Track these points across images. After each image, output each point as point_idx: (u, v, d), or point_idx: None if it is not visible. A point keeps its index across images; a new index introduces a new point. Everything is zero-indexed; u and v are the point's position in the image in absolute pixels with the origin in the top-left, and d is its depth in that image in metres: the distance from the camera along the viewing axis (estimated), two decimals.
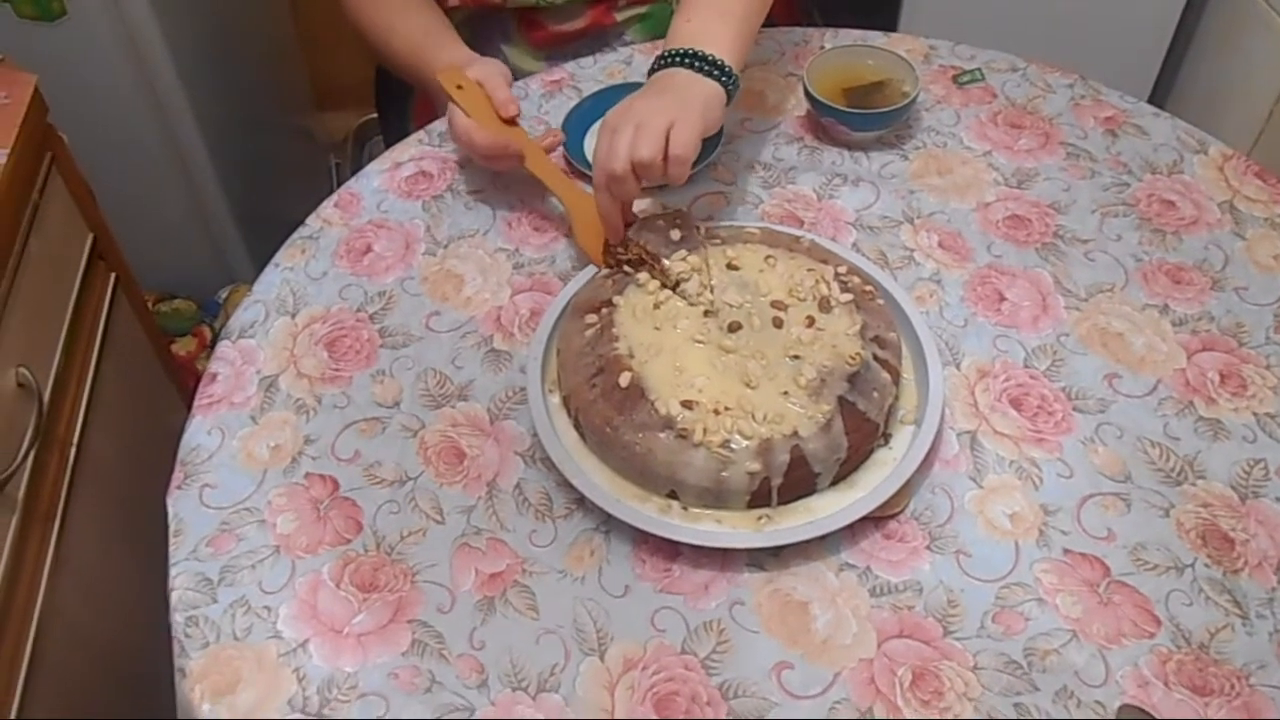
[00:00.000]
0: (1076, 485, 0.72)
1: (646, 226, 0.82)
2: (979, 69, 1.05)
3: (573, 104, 1.03)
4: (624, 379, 0.71)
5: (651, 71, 0.86)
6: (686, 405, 0.70)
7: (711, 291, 0.76)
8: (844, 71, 0.99)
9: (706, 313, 0.75)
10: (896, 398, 0.74)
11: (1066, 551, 0.69)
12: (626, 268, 0.80)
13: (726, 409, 0.69)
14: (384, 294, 0.88)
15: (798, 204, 0.93)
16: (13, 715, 0.78)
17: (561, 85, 1.08)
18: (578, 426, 0.74)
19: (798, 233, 0.84)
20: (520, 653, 0.66)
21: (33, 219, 0.89)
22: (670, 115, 0.77)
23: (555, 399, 0.76)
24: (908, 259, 0.88)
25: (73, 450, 0.91)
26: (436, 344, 0.84)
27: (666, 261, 0.78)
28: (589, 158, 0.92)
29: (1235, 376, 0.78)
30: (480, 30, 1.16)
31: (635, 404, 0.70)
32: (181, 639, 0.68)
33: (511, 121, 0.92)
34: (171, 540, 0.73)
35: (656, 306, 0.76)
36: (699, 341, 0.73)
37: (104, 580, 0.87)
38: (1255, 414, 0.75)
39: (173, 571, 0.71)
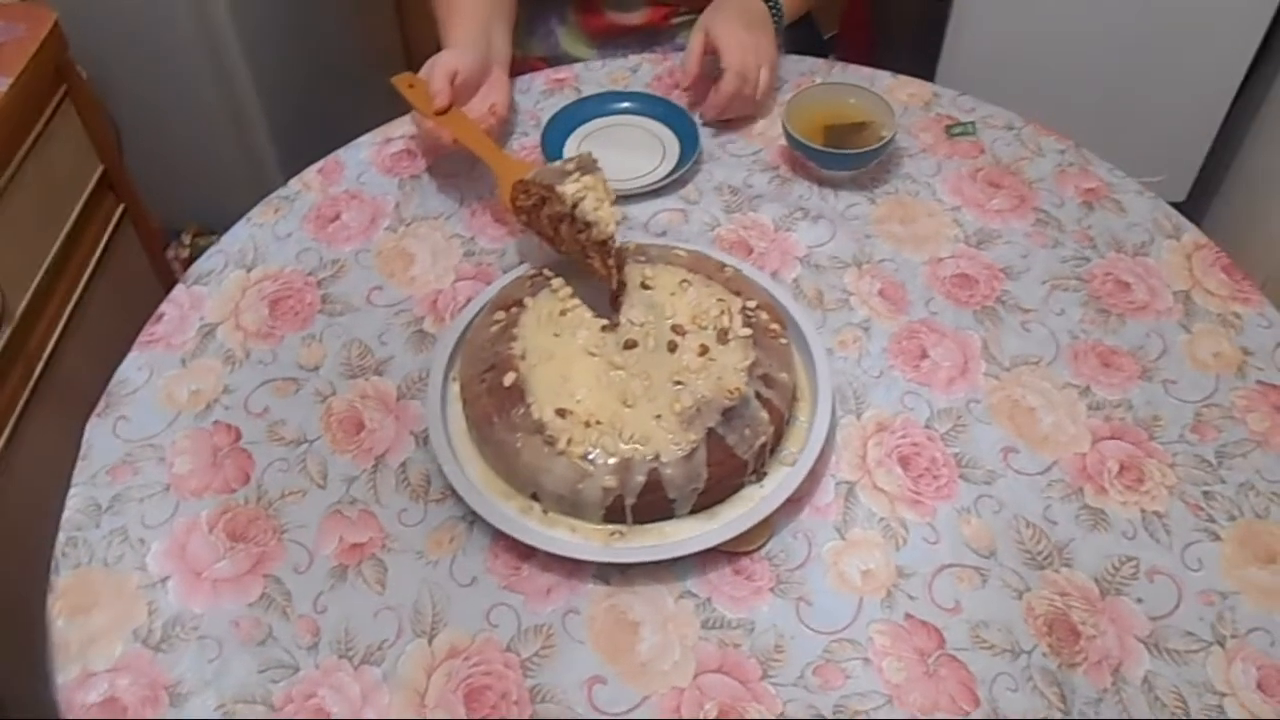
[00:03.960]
0: (938, 553, 0.71)
1: (543, 172, 0.83)
2: (973, 123, 1.03)
3: (572, 98, 1.05)
4: (508, 379, 0.73)
5: None
6: (560, 413, 0.71)
7: (616, 303, 0.78)
8: (829, 108, 0.99)
9: (604, 328, 0.77)
10: (779, 437, 0.75)
11: (908, 616, 0.68)
12: (525, 218, 0.85)
13: (598, 423, 0.71)
14: (337, 262, 0.92)
15: (753, 232, 0.93)
16: None
17: (564, 85, 1.10)
18: (469, 418, 0.76)
19: (728, 261, 0.84)
20: (356, 623, 0.69)
21: (33, 146, 0.95)
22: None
23: (457, 388, 0.79)
24: (843, 302, 0.88)
25: (40, 365, 0.98)
26: (370, 317, 0.87)
27: (560, 187, 0.79)
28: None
29: (1135, 469, 0.76)
30: (538, 8, 1.19)
31: (513, 404, 0.72)
32: (59, 557, 0.73)
33: (447, 111, 0.93)
34: (78, 463, 0.78)
35: (562, 314, 0.78)
36: (592, 354, 0.75)
37: (47, 491, 0.93)
38: (1143, 510, 0.73)
39: (70, 492, 0.76)
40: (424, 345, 0.85)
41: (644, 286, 0.79)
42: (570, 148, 1.01)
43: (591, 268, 0.81)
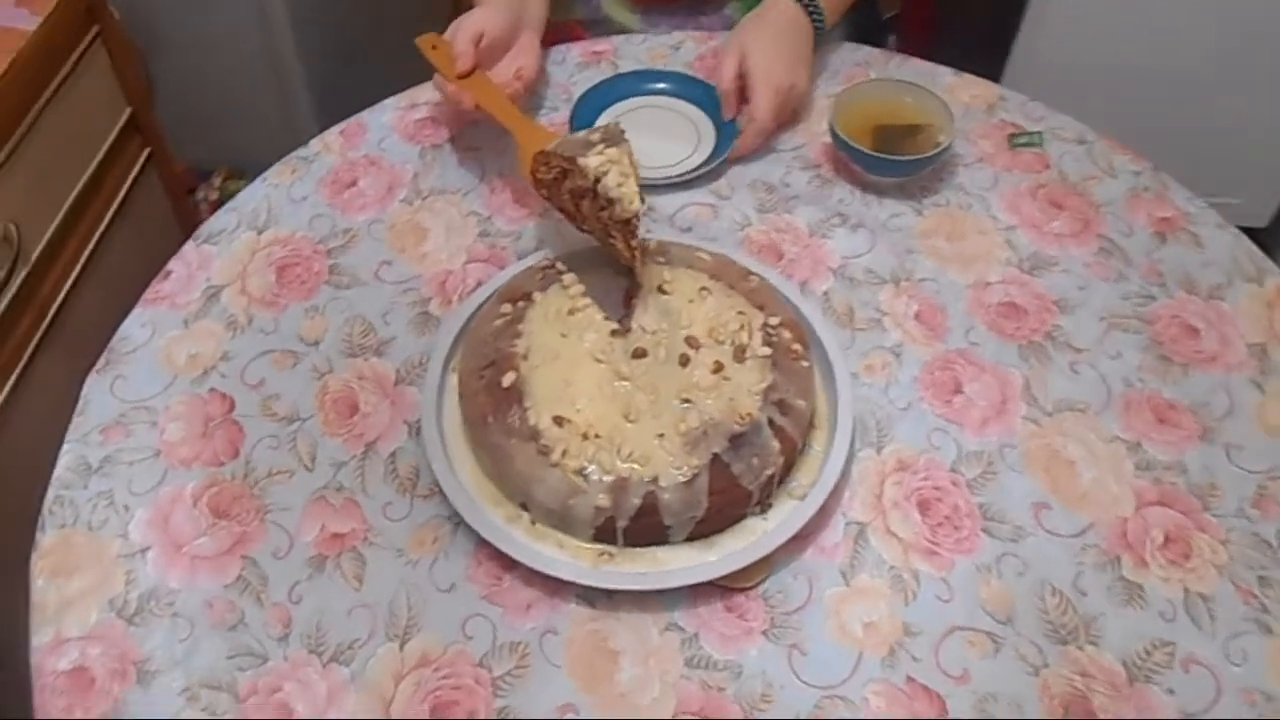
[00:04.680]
0: (950, 612, 0.66)
1: (565, 143, 0.78)
2: (1040, 133, 0.96)
3: (608, 73, 1.00)
4: (507, 378, 0.69)
5: None
6: (558, 421, 0.67)
7: (634, 295, 0.73)
8: (881, 106, 0.92)
9: (614, 332, 0.72)
10: (790, 468, 0.70)
11: (909, 679, 0.64)
12: (545, 192, 0.80)
13: (596, 436, 0.67)
14: (349, 231, 0.89)
15: (786, 235, 0.88)
16: None
17: (601, 58, 1.04)
18: (464, 414, 0.73)
19: (755, 268, 0.79)
20: (330, 618, 0.66)
21: (60, 86, 0.92)
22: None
23: (456, 379, 0.75)
24: (875, 322, 0.82)
25: (53, 310, 0.96)
26: (377, 294, 0.84)
27: (582, 160, 0.73)
28: None
29: (1182, 542, 0.69)
30: None
31: (510, 406, 0.68)
32: (46, 514, 0.71)
33: (471, 74, 0.89)
34: (74, 419, 0.76)
35: (571, 313, 0.73)
36: (598, 360, 0.71)
37: (51, 438, 0.92)
38: (1186, 590, 0.67)
39: (63, 448, 0.75)
40: (428, 328, 0.81)
41: (661, 291, 0.75)
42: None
43: (613, 249, 0.76)
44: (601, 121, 0.96)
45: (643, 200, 0.73)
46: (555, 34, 1.13)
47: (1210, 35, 1.36)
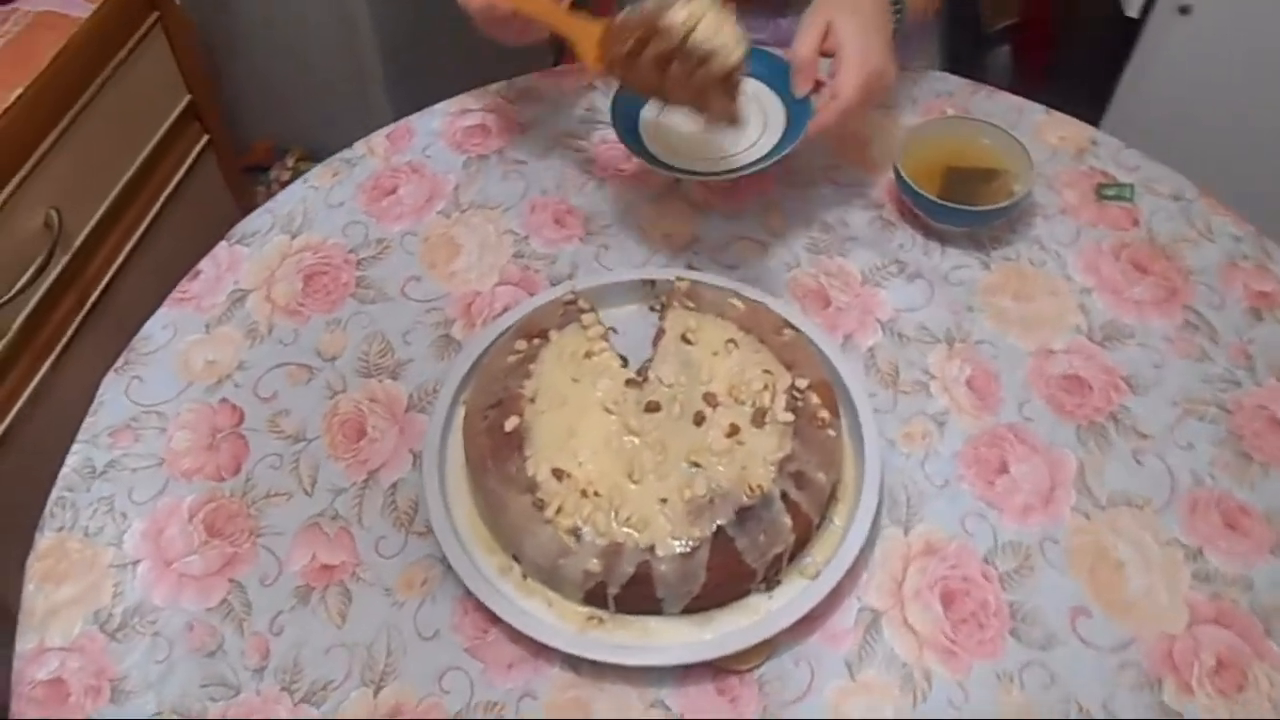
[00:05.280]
0: None
1: (636, 12, 0.71)
2: (1131, 185, 0.87)
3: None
4: (510, 423, 0.66)
5: None
6: (557, 474, 0.64)
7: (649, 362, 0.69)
8: (955, 145, 0.85)
9: (629, 381, 0.68)
10: (803, 544, 0.65)
11: None
12: (621, 72, 0.73)
13: (595, 494, 0.63)
14: (382, 242, 0.86)
15: (836, 281, 0.82)
16: None
17: None
18: (466, 454, 0.69)
19: (794, 318, 0.73)
20: (308, 654, 0.64)
21: (115, 72, 0.92)
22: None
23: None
24: (921, 386, 0.76)
25: (96, 293, 0.97)
26: (401, 311, 0.81)
27: (665, 19, 0.66)
28: (644, 140, 0.83)
29: (1236, 670, 0.62)
30: None
31: (510, 453, 0.65)
32: (47, 515, 0.71)
33: None
34: (87, 417, 0.76)
35: (587, 355, 0.69)
36: (608, 411, 0.66)
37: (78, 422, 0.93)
38: None
39: (73, 447, 0.74)
40: (447, 352, 0.78)
41: (685, 340, 0.70)
42: (647, 118, 0.85)
43: (710, 108, 0.70)
44: (649, 110, 0.85)
45: (746, 46, 0.66)
46: None
47: None
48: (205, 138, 1.09)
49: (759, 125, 0.84)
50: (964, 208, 0.80)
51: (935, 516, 0.69)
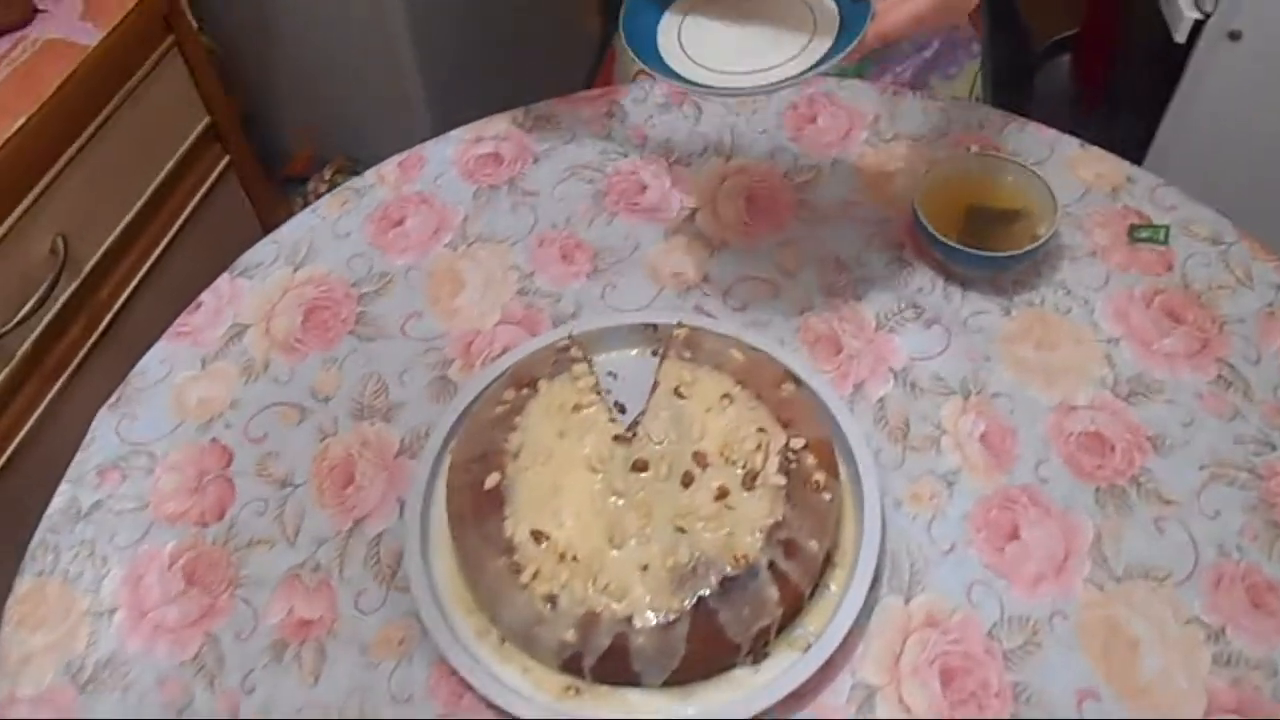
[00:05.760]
0: None
1: None
2: (1166, 227, 0.82)
3: (686, 118, 0.92)
4: (491, 479, 0.64)
5: None
6: (536, 536, 0.61)
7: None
8: (980, 183, 0.81)
9: (618, 437, 0.65)
10: (793, 615, 0.61)
11: None
12: None
13: (574, 559, 0.60)
14: (386, 276, 0.84)
15: (849, 326, 0.78)
16: None
17: (686, 100, 0.96)
18: (448, 509, 0.67)
19: (795, 371, 0.70)
20: (278, 713, 0.62)
21: (128, 96, 0.92)
22: None
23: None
24: (932, 441, 0.72)
25: (106, 320, 0.96)
26: (400, 349, 0.79)
27: None
28: (665, 57, 0.69)
29: None
30: None
31: (489, 512, 0.63)
32: (29, 557, 0.70)
33: None
34: (78, 453, 0.76)
35: (575, 409, 0.67)
36: (593, 469, 0.64)
37: None
38: None
39: (61, 486, 0.74)
40: (442, 395, 0.76)
41: (678, 394, 0.67)
42: (668, 29, 0.71)
43: None
44: (670, 17, 0.71)
45: None
46: None
47: None
48: (226, 158, 1.08)
49: (808, 25, 0.69)
50: (980, 253, 0.76)
51: (939, 584, 0.65)
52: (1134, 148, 1.21)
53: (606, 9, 1.21)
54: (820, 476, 0.63)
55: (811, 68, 0.64)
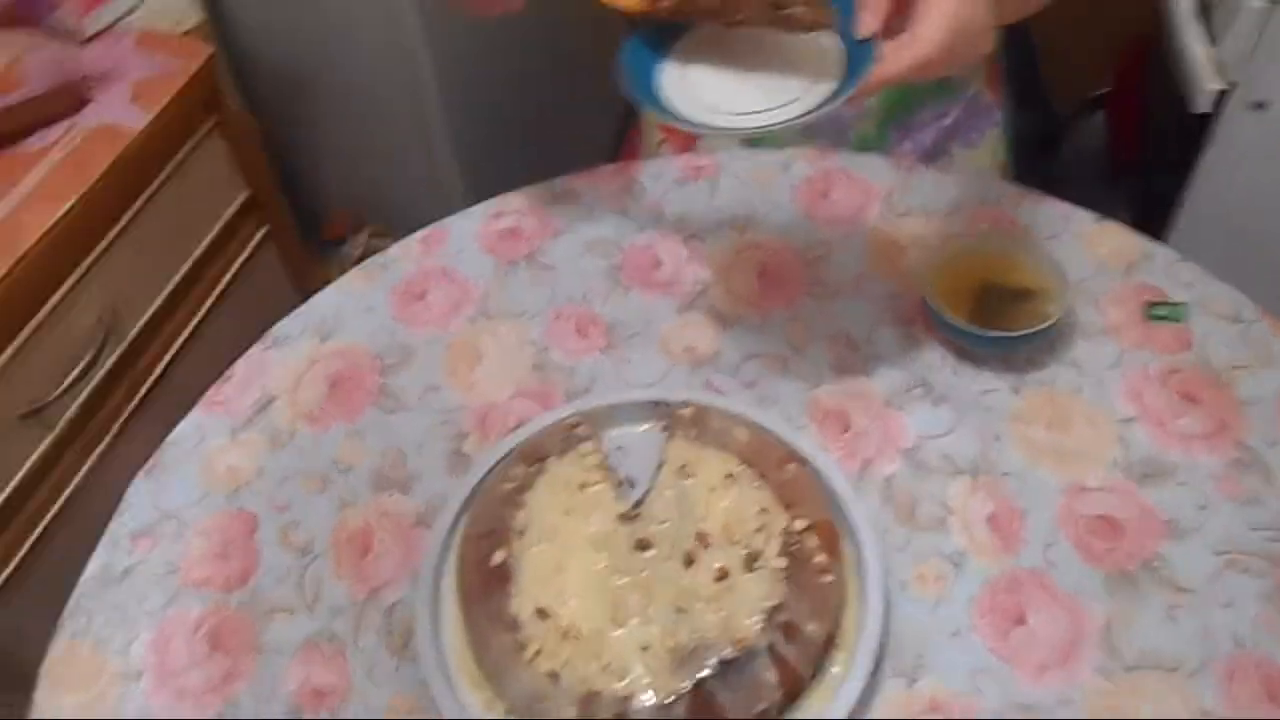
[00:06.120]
0: None
1: None
2: (1184, 304, 0.82)
3: (701, 193, 0.94)
4: (498, 556, 0.65)
5: None
6: (540, 613, 0.63)
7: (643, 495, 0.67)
8: (991, 260, 0.82)
9: (622, 516, 0.66)
10: (795, 697, 0.62)
11: None
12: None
13: (576, 637, 0.62)
14: (408, 348, 0.87)
15: (857, 403, 0.79)
16: None
17: (702, 174, 0.99)
18: (457, 583, 0.69)
19: (801, 450, 0.71)
20: None
21: (173, 173, 0.97)
22: None
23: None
24: (939, 522, 0.72)
25: (145, 387, 1.01)
26: (418, 422, 0.82)
27: None
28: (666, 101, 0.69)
29: None
30: None
31: (495, 588, 0.64)
32: (65, 616, 0.73)
33: None
34: (115, 518, 0.79)
35: (581, 487, 0.68)
36: (598, 548, 0.65)
37: None
38: None
39: (97, 551, 0.77)
40: (458, 468, 0.78)
41: (683, 473, 0.68)
42: (671, 71, 0.71)
43: (786, 22, 0.63)
44: (675, 59, 0.71)
45: None
46: (677, 140, 1.09)
47: None
48: (265, 228, 1.13)
49: (809, 75, 0.68)
50: (989, 334, 0.76)
51: (943, 669, 0.65)
52: (1166, 209, 1.21)
53: None
54: (822, 558, 0.64)
55: (813, 110, 0.64)
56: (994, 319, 0.78)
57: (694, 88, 0.70)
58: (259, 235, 1.14)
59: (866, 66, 0.62)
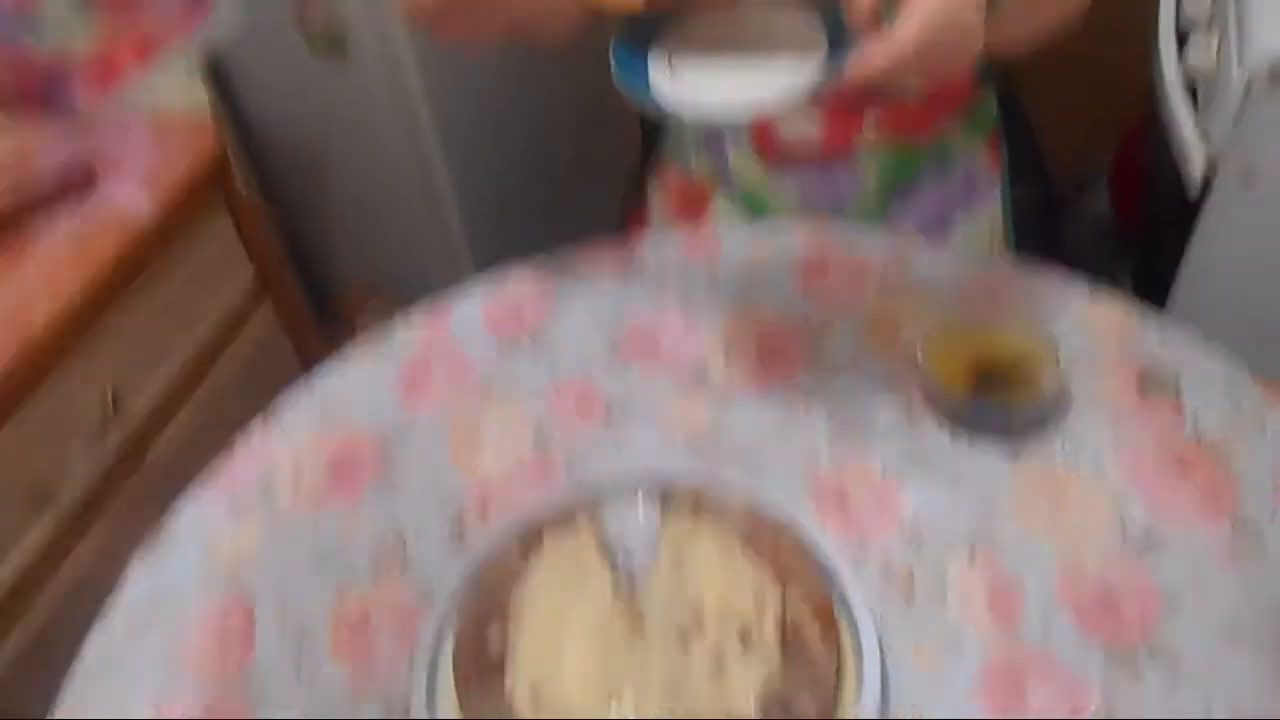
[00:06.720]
0: None
1: None
2: (1178, 376, 0.82)
3: (702, 268, 0.96)
4: (494, 637, 0.65)
5: None
6: (534, 696, 0.63)
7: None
8: (985, 336, 0.83)
9: (618, 596, 0.66)
10: None
11: None
12: None
13: (573, 717, 0.61)
14: (410, 427, 0.88)
15: (855, 478, 0.79)
16: None
17: (702, 250, 1.00)
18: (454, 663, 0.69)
19: (798, 527, 0.71)
20: None
21: (178, 254, 0.99)
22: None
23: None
24: (938, 598, 0.72)
25: (143, 464, 1.01)
26: (418, 503, 0.82)
27: None
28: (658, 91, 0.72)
29: None
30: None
31: (491, 670, 0.64)
32: (58, 707, 0.73)
33: None
34: (112, 599, 0.79)
35: (579, 567, 0.69)
36: (594, 629, 0.65)
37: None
38: None
39: (91, 635, 0.77)
40: (456, 548, 0.78)
41: (680, 551, 0.69)
42: (660, 65, 0.74)
43: None
44: (656, 63, 0.74)
45: None
46: (681, 189, 1.10)
47: None
48: (269, 304, 1.15)
49: (793, 64, 0.70)
50: (984, 407, 0.77)
51: None
52: (1169, 279, 1.22)
53: (643, 147, 1.27)
54: (818, 636, 0.64)
55: (797, 93, 0.67)
56: (990, 393, 0.79)
57: (683, 79, 0.74)
58: (263, 311, 1.16)
59: (846, 49, 0.66)
